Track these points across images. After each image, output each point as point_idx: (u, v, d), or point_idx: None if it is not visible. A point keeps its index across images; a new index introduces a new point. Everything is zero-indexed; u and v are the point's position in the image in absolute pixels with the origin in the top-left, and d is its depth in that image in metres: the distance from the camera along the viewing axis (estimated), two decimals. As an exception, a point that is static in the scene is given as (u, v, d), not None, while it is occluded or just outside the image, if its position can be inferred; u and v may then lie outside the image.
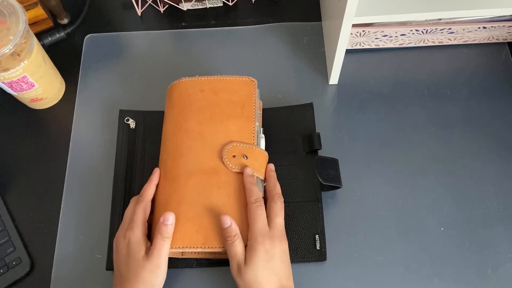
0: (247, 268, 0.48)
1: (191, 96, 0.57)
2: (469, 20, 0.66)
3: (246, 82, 0.58)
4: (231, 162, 0.53)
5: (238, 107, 0.56)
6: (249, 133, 0.55)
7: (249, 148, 0.54)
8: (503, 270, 0.55)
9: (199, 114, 0.56)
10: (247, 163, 0.53)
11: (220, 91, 0.57)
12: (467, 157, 0.62)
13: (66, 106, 0.67)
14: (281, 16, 0.73)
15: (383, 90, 0.67)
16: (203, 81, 0.58)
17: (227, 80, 0.58)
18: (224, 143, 0.54)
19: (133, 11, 0.74)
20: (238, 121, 0.55)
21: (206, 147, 0.54)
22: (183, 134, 0.55)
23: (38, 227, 0.59)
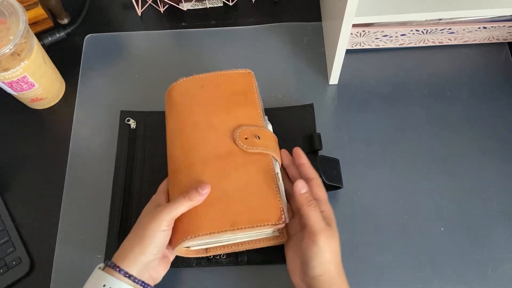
0: (335, 235, 0.47)
1: (192, 92, 0.57)
2: (469, 20, 0.66)
3: (244, 74, 0.59)
4: (244, 143, 0.53)
5: (241, 96, 0.57)
6: (257, 116, 0.56)
7: (260, 130, 0.54)
8: (503, 270, 0.55)
9: (205, 106, 0.56)
10: (260, 143, 0.53)
11: (220, 84, 0.58)
12: (467, 157, 0.62)
13: (66, 106, 0.67)
14: (281, 16, 0.73)
15: (384, 90, 0.67)
16: (202, 77, 0.58)
17: (225, 74, 0.59)
18: (234, 127, 0.54)
19: (133, 11, 0.74)
20: (243, 107, 0.56)
21: (218, 134, 0.54)
22: (192, 127, 0.55)
23: (38, 227, 0.59)
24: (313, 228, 0.46)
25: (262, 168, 0.52)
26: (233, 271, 0.56)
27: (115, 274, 0.46)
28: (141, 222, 0.48)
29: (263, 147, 0.53)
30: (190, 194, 0.48)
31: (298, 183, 0.49)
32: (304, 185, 0.49)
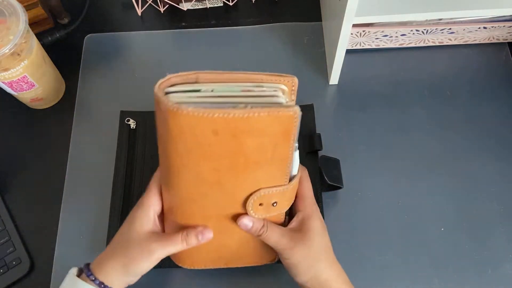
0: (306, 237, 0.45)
1: (200, 138, 0.39)
2: (470, 20, 0.66)
3: (280, 119, 0.38)
4: (256, 212, 0.45)
5: (269, 150, 0.40)
6: (281, 175, 0.43)
7: (280, 193, 0.44)
8: (503, 270, 0.55)
9: (213, 162, 0.41)
10: (275, 209, 0.45)
11: (242, 133, 0.38)
12: (468, 157, 0.62)
13: (66, 106, 0.67)
14: (281, 16, 0.73)
15: (384, 90, 0.67)
16: (215, 119, 0.37)
17: (250, 119, 0.37)
18: (249, 192, 0.43)
19: (133, 11, 0.74)
20: (267, 165, 0.42)
21: (226, 196, 0.44)
22: (193, 178, 0.42)
23: (38, 227, 0.59)
24: (276, 248, 0.47)
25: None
26: (232, 271, 0.56)
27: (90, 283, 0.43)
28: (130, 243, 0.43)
29: (279, 210, 0.46)
30: (188, 239, 0.44)
31: (240, 223, 0.45)
32: (248, 221, 0.45)
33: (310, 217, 0.47)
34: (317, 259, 0.46)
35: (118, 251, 0.44)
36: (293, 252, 0.45)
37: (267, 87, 0.40)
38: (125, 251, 0.43)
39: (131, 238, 0.44)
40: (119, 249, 0.44)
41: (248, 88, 0.40)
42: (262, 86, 0.40)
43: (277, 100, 0.39)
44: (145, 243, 0.43)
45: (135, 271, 0.43)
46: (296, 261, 0.45)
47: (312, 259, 0.45)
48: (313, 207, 0.48)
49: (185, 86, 0.40)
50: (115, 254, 0.44)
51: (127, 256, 0.43)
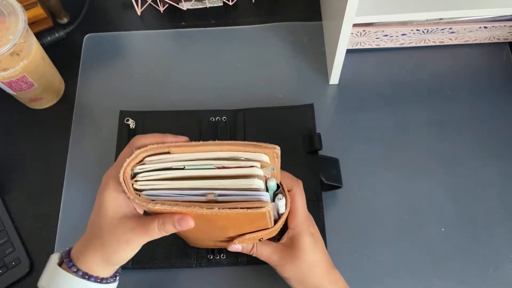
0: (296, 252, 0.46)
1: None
2: (470, 20, 0.65)
3: (254, 215, 0.38)
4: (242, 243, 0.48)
5: (246, 225, 0.43)
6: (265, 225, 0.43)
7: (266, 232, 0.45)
8: (503, 270, 0.55)
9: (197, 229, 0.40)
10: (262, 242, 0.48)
11: (219, 219, 0.40)
12: (468, 157, 0.62)
13: (65, 106, 0.67)
14: (281, 16, 0.73)
15: (384, 90, 0.66)
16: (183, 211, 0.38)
17: (223, 215, 0.37)
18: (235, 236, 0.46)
19: (133, 11, 0.74)
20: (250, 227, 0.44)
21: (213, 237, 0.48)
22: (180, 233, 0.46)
23: (38, 227, 0.59)
24: (270, 264, 0.49)
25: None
26: (233, 271, 0.56)
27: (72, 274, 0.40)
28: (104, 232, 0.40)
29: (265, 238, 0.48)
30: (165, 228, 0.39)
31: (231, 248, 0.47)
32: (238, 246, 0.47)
33: (300, 235, 0.47)
34: (307, 274, 0.47)
35: (94, 241, 0.40)
36: (285, 269, 0.47)
37: (243, 163, 0.38)
38: (101, 241, 0.40)
39: (104, 227, 0.40)
40: (95, 239, 0.40)
41: (222, 165, 0.38)
42: (239, 161, 0.38)
43: (252, 183, 0.37)
44: (120, 233, 0.39)
45: (117, 260, 0.41)
46: (288, 276, 0.47)
47: (302, 275, 0.47)
48: (304, 224, 0.48)
49: (154, 165, 0.39)
50: (92, 243, 0.40)
51: (104, 246, 0.40)
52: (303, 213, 0.48)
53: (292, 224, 0.48)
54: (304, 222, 0.48)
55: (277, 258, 0.47)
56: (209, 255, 0.55)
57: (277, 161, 0.40)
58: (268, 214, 0.39)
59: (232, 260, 0.55)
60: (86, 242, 0.41)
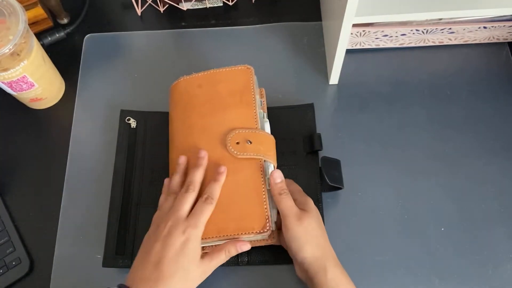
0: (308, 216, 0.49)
1: (190, 93, 0.58)
2: (470, 20, 0.65)
3: (242, 71, 0.58)
4: (235, 149, 0.53)
5: (237, 96, 0.56)
6: (251, 118, 0.55)
7: (252, 133, 0.54)
8: (503, 270, 0.55)
9: (200, 108, 0.56)
10: (251, 148, 0.53)
11: (218, 83, 0.58)
12: (468, 157, 0.62)
13: (66, 106, 0.67)
14: (281, 16, 0.73)
15: (384, 90, 0.67)
16: (200, 76, 0.59)
17: (224, 71, 0.58)
18: (226, 132, 0.54)
19: (133, 11, 0.74)
20: (238, 108, 0.55)
21: (210, 138, 0.54)
22: (187, 130, 0.56)
23: (38, 227, 0.59)
24: (284, 213, 0.50)
25: (251, 174, 0.52)
26: (234, 271, 0.56)
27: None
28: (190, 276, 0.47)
29: (254, 152, 0.53)
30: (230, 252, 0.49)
31: (274, 173, 0.51)
32: (279, 175, 0.51)
33: (307, 200, 0.53)
34: (316, 235, 0.50)
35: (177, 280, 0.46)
36: (299, 223, 0.49)
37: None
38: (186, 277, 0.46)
39: (190, 268, 0.47)
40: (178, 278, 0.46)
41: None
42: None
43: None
44: (202, 267, 0.48)
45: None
46: (299, 233, 0.49)
47: (312, 235, 0.49)
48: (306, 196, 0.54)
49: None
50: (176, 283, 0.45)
51: (188, 281, 0.47)
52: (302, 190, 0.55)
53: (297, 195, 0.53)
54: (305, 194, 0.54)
55: (296, 211, 0.50)
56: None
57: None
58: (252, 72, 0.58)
59: (233, 260, 0.55)
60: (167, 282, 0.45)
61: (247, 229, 0.50)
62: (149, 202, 0.58)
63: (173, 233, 0.46)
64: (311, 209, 0.51)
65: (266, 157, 0.53)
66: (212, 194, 0.50)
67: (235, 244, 0.49)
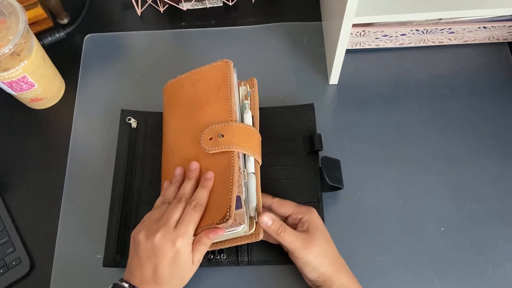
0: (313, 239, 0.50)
1: (174, 95, 0.59)
2: (469, 20, 0.66)
3: (219, 66, 0.58)
4: (207, 145, 0.53)
5: (213, 91, 0.56)
6: (225, 111, 0.54)
7: (225, 126, 0.53)
8: (503, 270, 0.55)
9: (181, 109, 0.57)
10: (223, 141, 0.52)
11: (197, 81, 0.58)
12: (467, 157, 0.62)
13: (66, 106, 0.67)
14: (281, 16, 0.73)
15: (383, 90, 0.67)
16: (182, 78, 0.60)
17: (203, 70, 0.59)
18: (202, 129, 0.54)
19: (133, 11, 0.74)
20: (214, 104, 0.55)
21: (188, 138, 0.55)
22: (170, 131, 0.58)
23: (38, 227, 0.59)
24: (290, 248, 0.51)
25: (222, 167, 0.51)
26: (234, 271, 0.56)
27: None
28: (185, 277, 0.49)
29: (226, 144, 0.52)
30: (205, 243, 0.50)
31: (261, 219, 0.50)
32: (268, 219, 0.50)
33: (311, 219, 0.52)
34: (326, 254, 0.51)
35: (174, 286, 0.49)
36: (308, 252, 0.50)
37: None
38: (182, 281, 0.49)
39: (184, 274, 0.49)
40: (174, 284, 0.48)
41: None
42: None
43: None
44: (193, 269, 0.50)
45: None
46: (310, 259, 0.50)
47: (322, 257, 0.50)
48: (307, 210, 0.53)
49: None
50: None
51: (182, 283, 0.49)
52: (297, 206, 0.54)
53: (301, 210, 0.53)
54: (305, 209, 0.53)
55: (301, 241, 0.50)
56: (210, 255, 0.55)
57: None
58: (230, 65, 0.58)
59: (233, 260, 0.55)
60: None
61: (210, 220, 0.48)
62: (150, 201, 0.57)
63: (164, 244, 0.47)
64: (315, 227, 0.51)
65: (240, 149, 0.52)
66: (200, 200, 0.50)
67: (206, 234, 0.49)
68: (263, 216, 0.50)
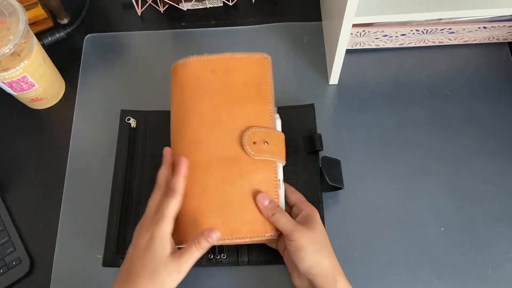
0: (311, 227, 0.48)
1: (201, 78, 0.53)
2: (469, 20, 0.66)
3: (259, 60, 0.54)
4: (252, 149, 0.50)
5: (253, 88, 0.52)
6: (267, 116, 0.52)
7: (269, 133, 0.51)
8: (503, 270, 0.55)
9: (213, 98, 0.52)
10: (267, 149, 0.50)
11: (233, 71, 0.53)
12: (468, 157, 0.62)
13: (66, 106, 0.67)
14: (281, 16, 0.73)
15: (384, 90, 0.67)
16: (213, 60, 0.53)
17: (239, 58, 0.53)
18: (243, 129, 0.51)
19: (133, 11, 0.74)
20: (254, 103, 0.52)
21: (225, 133, 0.51)
22: (198, 119, 0.52)
23: (38, 227, 0.59)
24: (284, 230, 0.49)
25: (265, 177, 0.51)
26: (234, 271, 0.56)
27: None
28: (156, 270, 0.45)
29: (270, 153, 0.51)
30: (201, 244, 0.47)
31: (258, 197, 0.49)
32: (265, 198, 0.49)
33: (313, 213, 0.51)
34: (322, 245, 0.49)
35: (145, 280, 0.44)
36: (302, 234, 0.48)
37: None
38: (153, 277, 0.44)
39: (157, 266, 0.45)
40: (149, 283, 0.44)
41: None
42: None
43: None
44: (171, 265, 0.45)
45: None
46: (304, 243, 0.47)
47: (318, 244, 0.48)
48: (312, 207, 0.52)
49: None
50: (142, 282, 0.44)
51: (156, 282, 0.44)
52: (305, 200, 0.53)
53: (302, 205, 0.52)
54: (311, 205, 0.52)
55: (294, 224, 0.48)
56: (210, 255, 0.55)
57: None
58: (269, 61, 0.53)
59: (233, 260, 0.55)
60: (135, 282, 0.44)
61: (261, 233, 0.49)
62: (149, 202, 0.58)
63: (141, 233, 0.47)
64: (315, 220, 0.50)
65: (279, 159, 0.52)
66: (174, 187, 0.48)
67: (204, 235, 0.47)
68: (260, 195, 0.49)
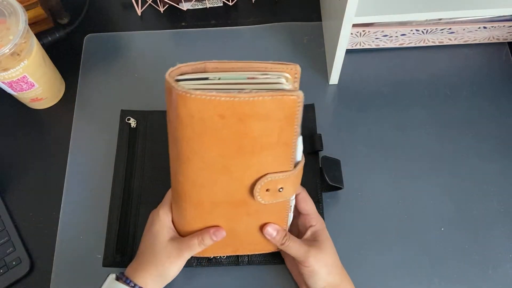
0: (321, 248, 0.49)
1: (207, 123, 0.39)
2: (469, 20, 0.66)
3: (285, 102, 0.40)
4: (263, 198, 0.45)
5: (274, 136, 0.41)
6: (286, 159, 0.43)
7: (286, 179, 0.44)
8: (503, 270, 0.55)
9: (221, 147, 0.41)
10: (281, 195, 0.45)
11: (249, 118, 0.39)
12: (468, 157, 0.62)
13: (66, 106, 0.67)
14: (281, 16, 0.73)
15: (384, 90, 0.67)
16: (222, 103, 0.38)
17: (257, 102, 0.38)
18: (256, 178, 0.43)
19: (133, 11, 0.74)
20: (274, 150, 0.42)
21: (233, 181, 0.44)
22: (200, 163, 0.42)
23: (38, 227, 0.59)
24: (297, 257, 0.49)
25: (276, 212, 0.49)
26: (234, 271, 0.56)
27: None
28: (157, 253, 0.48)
29: (284, 197, 0.46)
30: (204, 241, 0.48)
31: (267, 230, 0.49)
32: (273, 230, 0.50)
33: (322, 229, 0.52)
34: (333, 264, 0.50)
35: (149, 261, 0.48)
36: (315, 260, 0.48)
37: (271, 75, 0.42)
38: (155, 260, 0.48)
39: (158, 249, 0.48)
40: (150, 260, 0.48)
41: (253, 76, 0.42)
42: (267, 74, 0.42)
43: (281, 87, 0.41)
44: (171, 251, 0.48)
45: (168, 275, 0.49)
46: (318, 268, 0.48)
47: (330, 265, 0.49)
48: (321, 220, 0.53)
49: (193, 75, 0.42)
50: (146, 263, 0.48)
51: (158, 264, 0.48)
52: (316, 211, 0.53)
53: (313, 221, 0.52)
54: (320, 218, 0.53)
55: (305, 250, 0.49)
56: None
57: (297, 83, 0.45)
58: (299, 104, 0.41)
59: (233, 260, 0.55)
60: (141, 263, 0.49)
61: (263, 250, 0.53)
62: (149, 201, 0.57)
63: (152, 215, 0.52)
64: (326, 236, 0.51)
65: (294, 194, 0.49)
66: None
67: (209, 232, 0.48)
68: (268, 227, 0.49)
